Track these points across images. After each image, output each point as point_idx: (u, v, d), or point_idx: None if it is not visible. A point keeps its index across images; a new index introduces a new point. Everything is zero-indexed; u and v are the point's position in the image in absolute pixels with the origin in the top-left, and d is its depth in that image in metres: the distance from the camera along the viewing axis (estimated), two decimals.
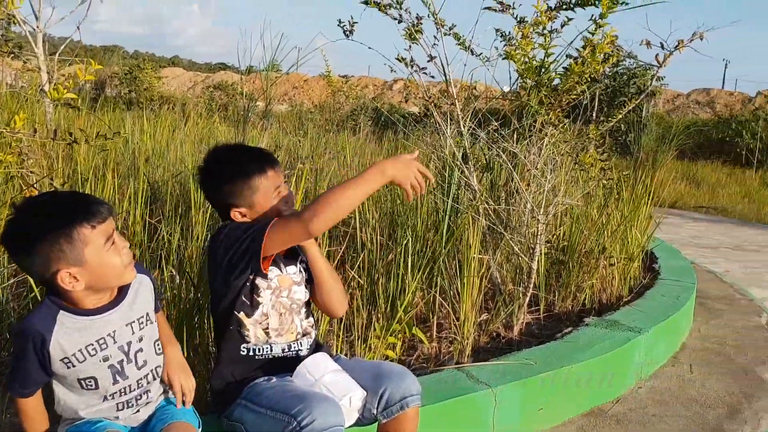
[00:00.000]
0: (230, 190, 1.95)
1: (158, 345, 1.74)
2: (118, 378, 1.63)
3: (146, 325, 1.71)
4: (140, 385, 1.68)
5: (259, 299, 1.93)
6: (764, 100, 20.09)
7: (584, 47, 3.33)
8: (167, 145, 5.71)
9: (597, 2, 3.49)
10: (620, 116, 4.35)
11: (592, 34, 3.31)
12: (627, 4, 3.59)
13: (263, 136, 5.86)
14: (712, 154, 17.18)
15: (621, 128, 13.44)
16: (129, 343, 1.65)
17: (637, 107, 13.34)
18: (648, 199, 4.61)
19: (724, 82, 33.18)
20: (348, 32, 3.49)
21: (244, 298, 1.92)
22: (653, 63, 3.98)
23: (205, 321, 2.50)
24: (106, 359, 1.60)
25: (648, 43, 3.85)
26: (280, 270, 1.99)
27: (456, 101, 3.23)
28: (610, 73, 16.45)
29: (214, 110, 11.89)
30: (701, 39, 3.83)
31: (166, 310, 2.34)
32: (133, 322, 1.67)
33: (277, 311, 1.96)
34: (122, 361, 1.64)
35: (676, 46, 3.83)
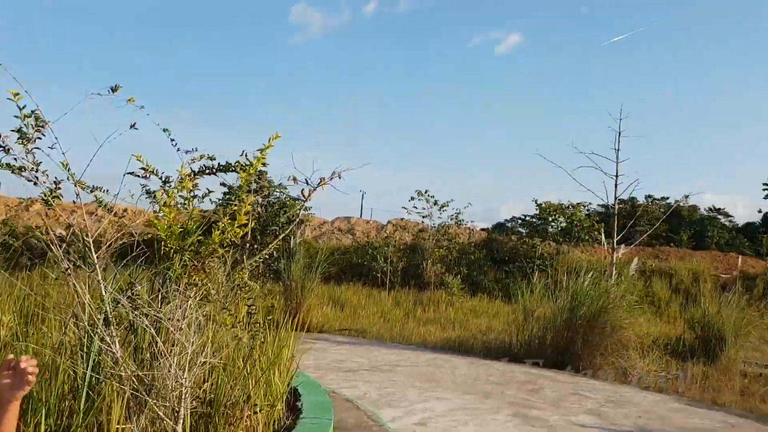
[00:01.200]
0: None
1: None
2: None
3: None
4: None
5: None
6: (393, 228, 23.39)
7: (225, 213, 3.62)
8: None
9: (236, 171, 3.85)
10: (271, 248, 4.73)
11: (233, 203, 3.62)
12: (266, 173, 4.04)
13: None
14: (354, 276, 19.25)
15: (273, 254, 14.30)
16: None
17: (287, 236, 14.40)
18: (291, 341, 4.99)
19: (362, 211, 37.93)
20: None
21: None
22: (300, 197, 4.49)
23: None
24: None
25: (295, 180, 4.36)
26: None
27: (98, 269, 3.20)
28: (263, 203, 17.56)
29: None
30: (339, 177, 4.48)
31: None
32: None
33: None
34: None
35: (319, 183, 4.40)
